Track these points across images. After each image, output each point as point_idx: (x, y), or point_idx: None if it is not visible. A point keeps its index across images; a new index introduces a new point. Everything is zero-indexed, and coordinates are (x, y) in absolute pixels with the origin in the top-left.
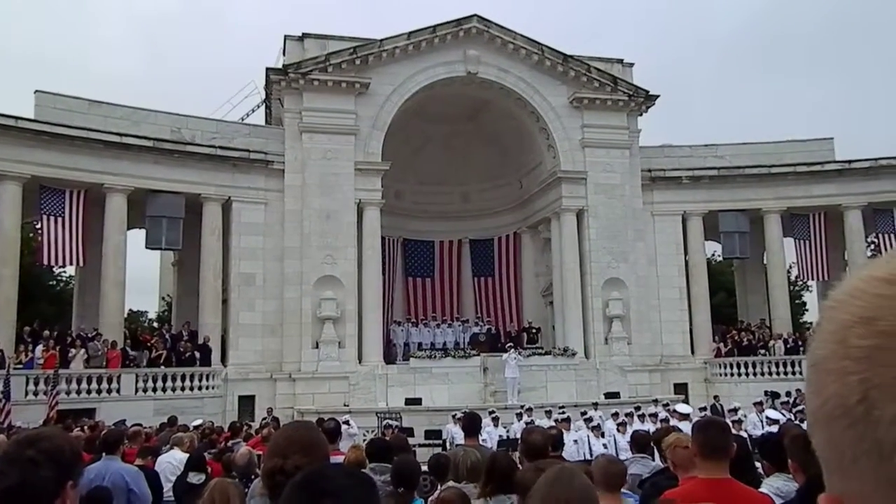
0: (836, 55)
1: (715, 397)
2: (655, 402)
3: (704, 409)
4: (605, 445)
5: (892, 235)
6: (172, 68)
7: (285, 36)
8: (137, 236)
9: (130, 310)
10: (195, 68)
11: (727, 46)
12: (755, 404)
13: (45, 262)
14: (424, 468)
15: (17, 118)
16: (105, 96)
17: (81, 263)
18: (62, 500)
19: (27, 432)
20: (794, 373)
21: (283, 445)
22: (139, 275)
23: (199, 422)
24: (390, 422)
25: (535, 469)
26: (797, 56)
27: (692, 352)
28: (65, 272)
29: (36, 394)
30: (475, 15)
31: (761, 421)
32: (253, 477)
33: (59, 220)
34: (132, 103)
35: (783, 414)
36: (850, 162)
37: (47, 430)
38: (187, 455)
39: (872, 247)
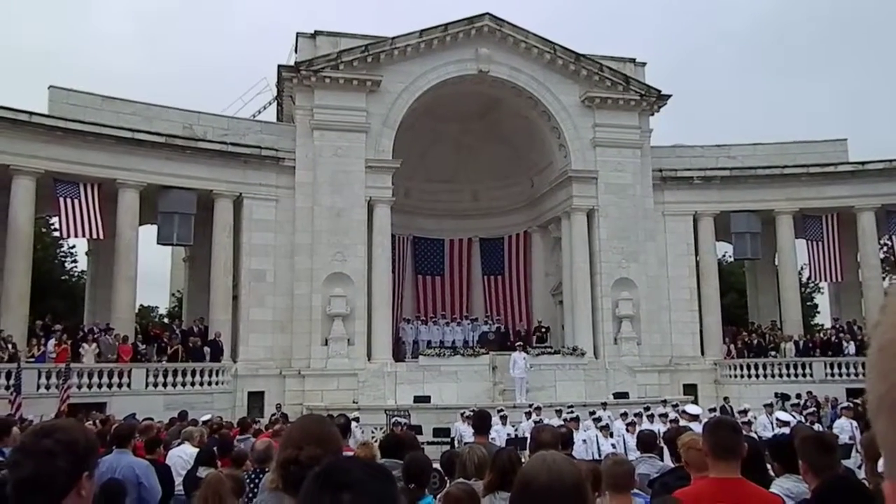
0: (848, 56)
1: (725, 399)
2: (664, 402)
3: (714, 410)
4: (613, 445)
5: None
6: (179, 65)
7: (297, 33)
8: (149, 232)
9: (141, 305)
10: (204, 64)
11: (740, 46)
12: (765, 406)
13: (66, 234)
14: (436, 465)
15: (31, 113)
16: (111, 92)
17: (101, 236)
18: (77, 491)
19: (43, 423)
20: (804, 375)
21: (298, 437)
22: (150, 270)
23: (207, 417)
24: (399, 419)
25: None
26: (810, 57)
27: (702, 353)
28: (77, 268)
29: (48, 387)
30: (487, 13)
31: (771, 423)
32: (266, 469)
33: (76, 201)
34: (141, 99)
35: (793, 416)
36: (863, 163)
37: (63, 422)
38: (197, 450)
39: (885, 249)
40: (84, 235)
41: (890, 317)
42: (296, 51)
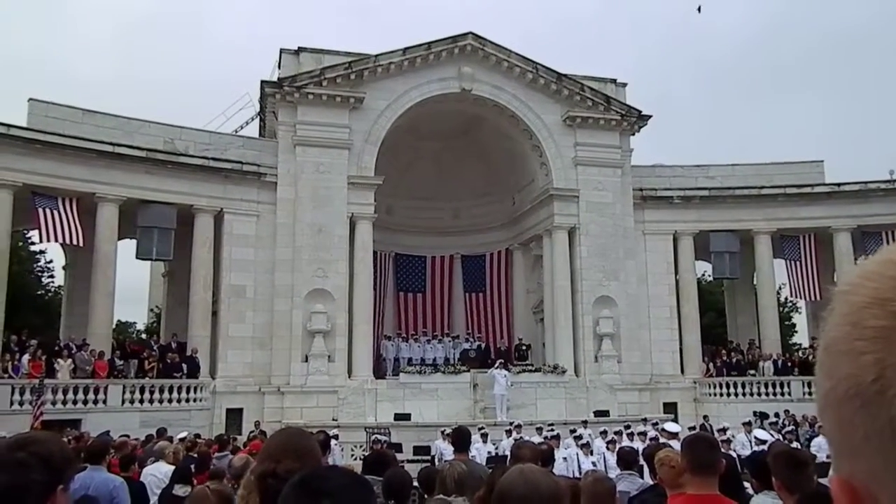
0: (826, 80)
1: (704, 417)
2: (644, 420)
3: (694, 428)
4: (594, 463)
5: None
6: (161, 79)
7: (281, 49)
8: (128, 246)
9: (119, 320)
10: (187, 80)
11: (722, 69)
12: (744, 424)
13: (45, 239)
14: (415, 483)
15: (8, 126)
16: (88, 103)
17: (81, 243)
18: None
19: (18, 435)
20: (782, 394)
21: (276, 450)
22: (128, 285)
23: (183, 434)
24: (379, 437)
25: None
26: (790, 80)
27: (682, 371)
28: (53, 282)
29: (21, 403)
30: (470, 32)
31: (750, 441)
32: None
33: (55, 211)
34: (122, 113)
35: (771, 434)
36: (839, 185)
37: (39, 434)
38: (172, 467)
39: None
40: (63, 241)
41: (834, 317)
42: (279, 67)
